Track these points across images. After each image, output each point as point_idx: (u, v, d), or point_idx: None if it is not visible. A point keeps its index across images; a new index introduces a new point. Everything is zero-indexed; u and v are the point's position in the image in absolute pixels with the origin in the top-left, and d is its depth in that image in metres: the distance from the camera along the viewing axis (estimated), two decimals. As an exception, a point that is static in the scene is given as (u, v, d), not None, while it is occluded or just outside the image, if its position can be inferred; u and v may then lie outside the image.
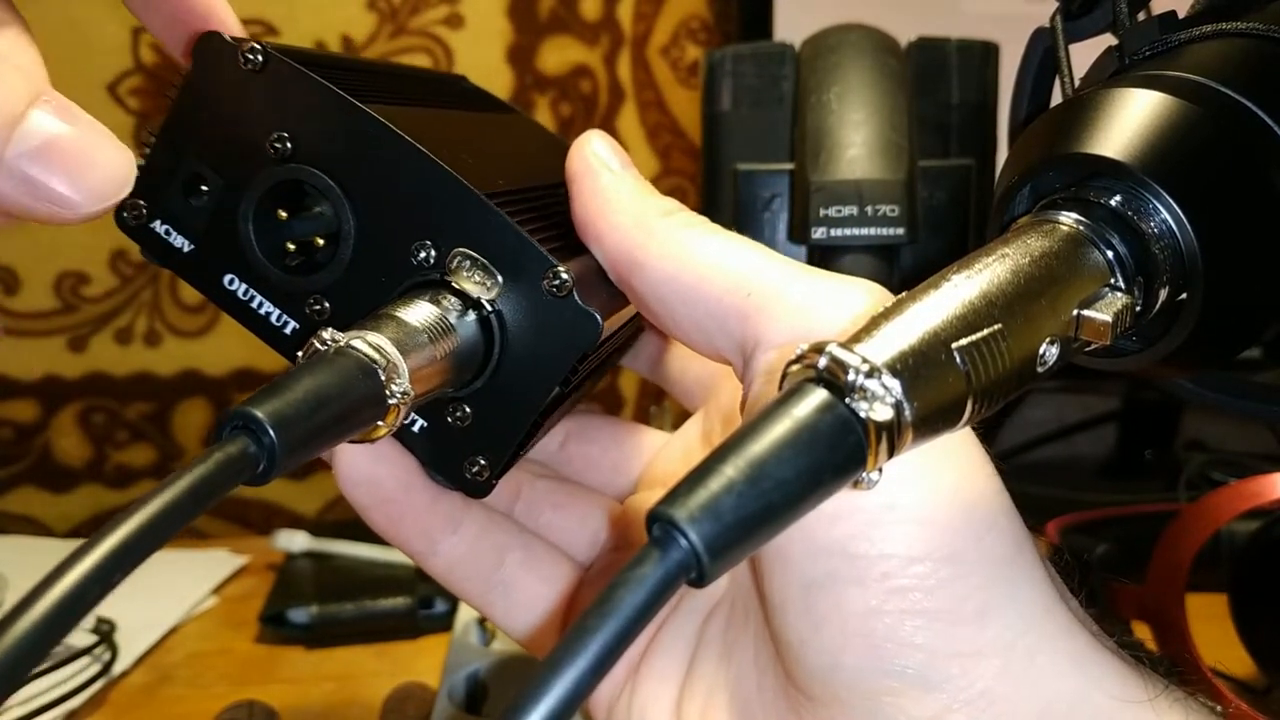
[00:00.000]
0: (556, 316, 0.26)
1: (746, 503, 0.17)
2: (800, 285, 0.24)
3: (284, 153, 0.26)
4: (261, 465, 0.20)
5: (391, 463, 0.29)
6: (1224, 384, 0.27)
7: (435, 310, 0.25)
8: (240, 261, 0.27)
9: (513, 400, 0.27)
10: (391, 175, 0.26)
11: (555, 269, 0.25)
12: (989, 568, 0.22)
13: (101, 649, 0.54)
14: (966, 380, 0.18)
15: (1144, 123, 0.21)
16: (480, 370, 0.27)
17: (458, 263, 0.26)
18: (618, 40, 0.90)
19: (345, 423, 0.22)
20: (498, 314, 0.26)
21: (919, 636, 0.22)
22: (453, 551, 0.30)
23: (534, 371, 0.27)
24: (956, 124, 0.52)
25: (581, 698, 0.16)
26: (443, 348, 0.25)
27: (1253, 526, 0.51)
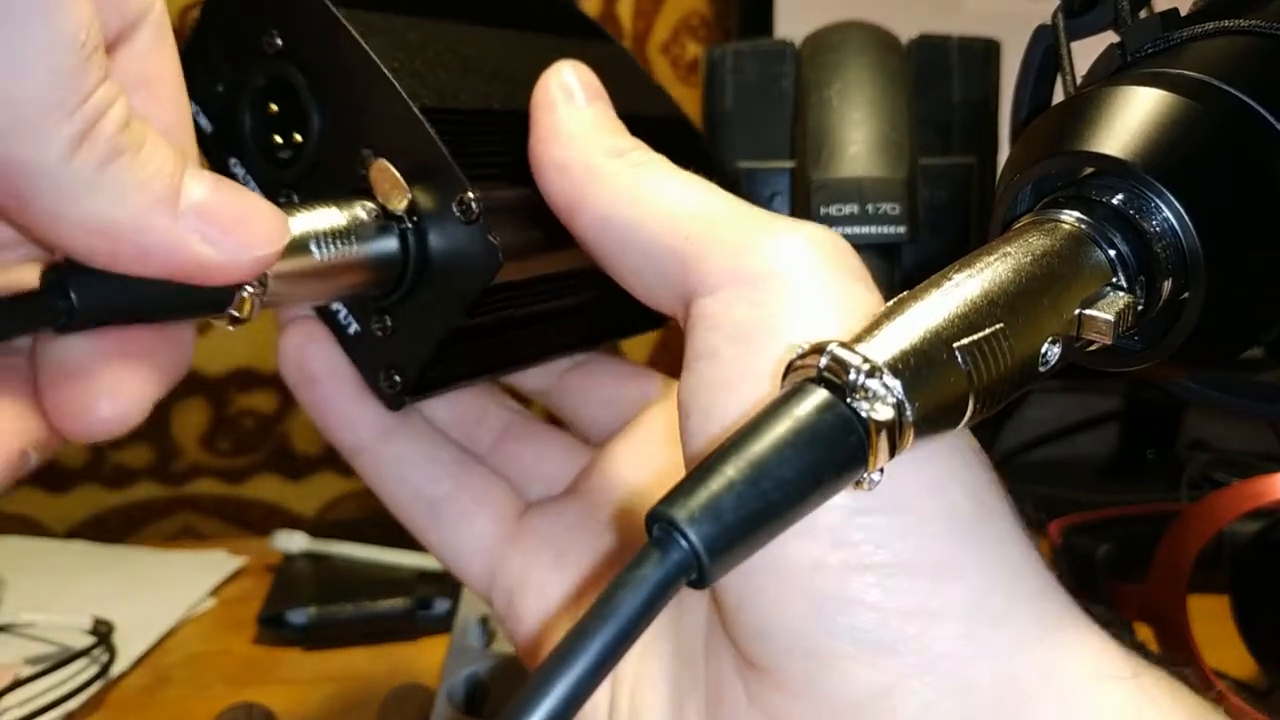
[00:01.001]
0: (464, 242, 0.26)
1: (747, 503, 0.17)
2: (738, 227, 0.23)
3: (275, 49, 0.27)
4: (61, 320, 0.21)
5: (322, 344, 0.29)
6: (1226, 383, 0.27)
7: (338, 215, 0.25)
8: (242, 147, 0.29)
9: (424, 320, 0.27)
10: (348, 79, 0.27)
11: (464, 192, 0.25)
12: (949, 521, 0.20)
13: (99, 650, 0.54)
14: (968, 379, 0.18)
15: (1146, 121, 0.21)
16: (399, 283, 0.27)
17: (377, 173, 0.26)
18: (618, 37, 0.90)
19: (183, 301, 0.22)
20: (419, 231, 0.26)
21: (870, 593, 0.20)
22: (381, 454, 0.31)
23: (443, 295, 0.27)
24: (958, 122, 0.52)
25: (581, 700, 0.16)
26: (333, 253, 0.25)
27: (1255, 527, 0.51)
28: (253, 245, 0.22)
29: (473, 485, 0.31)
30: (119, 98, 0.20)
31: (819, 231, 0.23)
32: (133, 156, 0.20)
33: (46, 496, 0.85)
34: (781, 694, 0.21)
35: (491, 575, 0.31)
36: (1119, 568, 0.50)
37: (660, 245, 0.24)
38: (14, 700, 0.49)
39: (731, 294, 0.22)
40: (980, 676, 0.20)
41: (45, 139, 0.19)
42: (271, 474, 0.85)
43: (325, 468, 0.85)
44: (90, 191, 0.20)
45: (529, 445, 0.33)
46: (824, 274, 0.22)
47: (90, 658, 0.54)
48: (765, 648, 0.21)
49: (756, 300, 0.22)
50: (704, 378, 0.22)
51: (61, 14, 0.19)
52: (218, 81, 0.29)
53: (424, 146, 0.26)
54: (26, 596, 0.60)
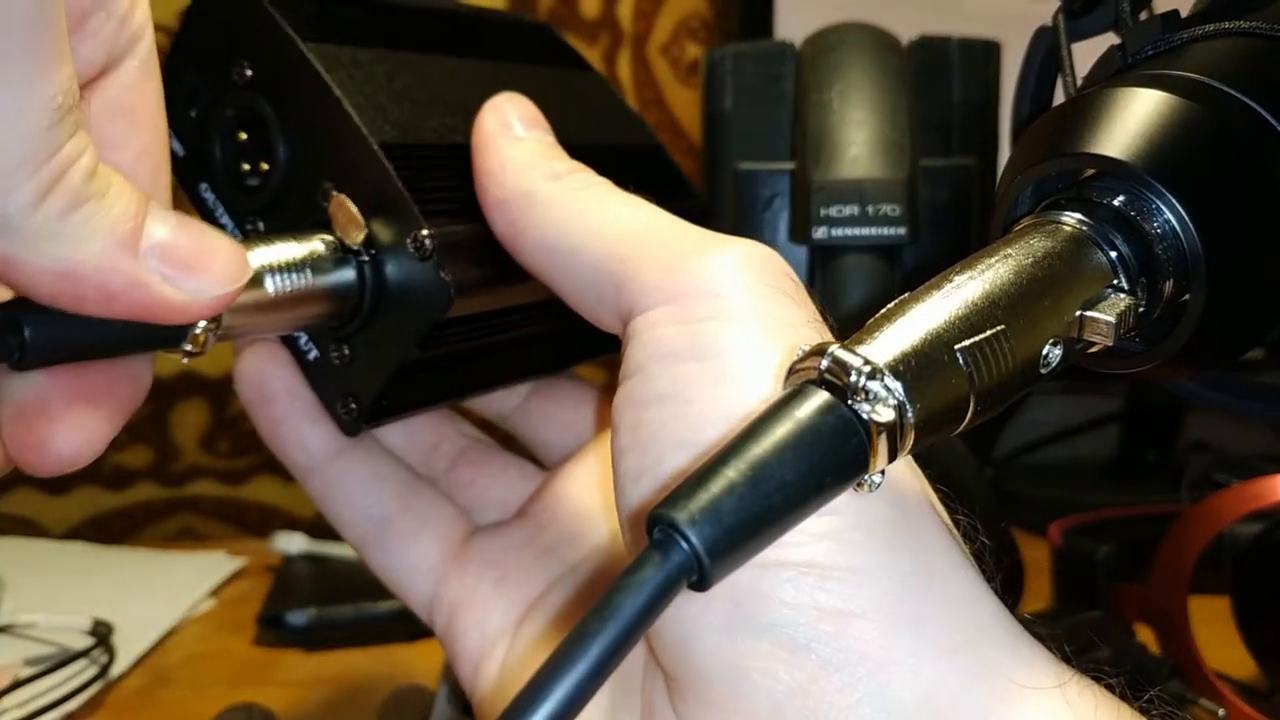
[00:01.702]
0: (419, 277, 0.26)
1: (748, 505, 0.17)
2: (669, 246, 0.23)
3: (244, 80, 0.28)
4: (15, 357, 0.21)
5: (281, 366, 0.30)
6: (1227, 385, 0.27)
7: (299, 248, 0.26)
8: (212, 174, 0.29)
9: (379, 351, 0.28)
10: (310, 112, 0.27)
11: (419, 229, 0.26)
12: (870, 527, 0.20)
13: (99, 651, 0.54)
14: (969, 381, 0.18)
15: (1147, 122, 0.21)
16: (355, 314, 0.27)
17: (336, 208, 0.27)
18: (617, 39, 0.90)
19: (136, 337, 0.22)
20: (375, 264, 0.27)
21: (785, 590, 0.20)
22: (331, 475, 0.31)
23: (397, 327, 0.27)
24: (958, 123, 0.52)
25: (581, 702, 0.16)
26: (287, 285, 0.25)
27: (1256, 528, 0.51)
28: (214, 284, 0.22)
29: (419, 507, 0.32)
30: (87, 148, 0.20)
31: (751, 248, 0.23)
32: (98, 202, 0.20)
33: (46, 497, 0.85)
34: (708, 709, 0.21)
35: (433, 597, 0.31)
36: (1120, 569, 0.50)
37: (598, 268, 0.24)
38: (13, 701, 0.49)
39: (660, 313, 0.22)
40: (900, 681, 0.20)
41: (11, 192, 0.19)
42: (271, 475, 0.85)
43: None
44: (54, 239, 0.20)
45: (484, 470, 0.34)
46: (752, 291, 0.22)
47: (90, 659, 0.53)
48: (687, 660, 0.21)
49: (683, 318, 0.22)
50: (633, 395, 0.22)
51: (43, 81, 0.19)
52: (190, 107, 0.29)
53: (382, 182, 0.26)
54: (26, 597, 0.60)
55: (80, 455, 0.23)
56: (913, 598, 0.20)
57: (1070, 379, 0.23)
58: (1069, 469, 0.79)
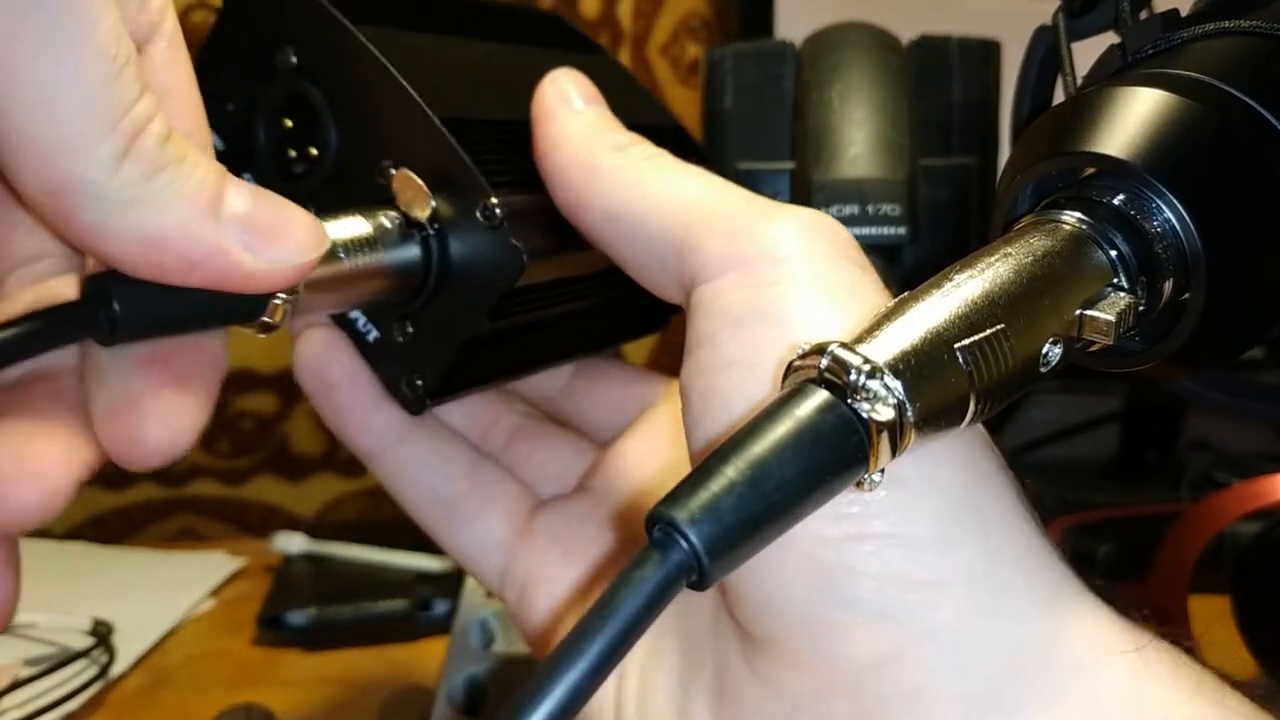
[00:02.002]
0: (488, 247, 0.26)
1: (748, 504, 0.17)
2: (734, 214, 0.23)
3: (288, 65, 0.28)
4: (104, 330, 0.21)
5: (341, 352, 0.30)
6: (1227, 384, 0.27)
7: (364, 224, 0.26)
8: (255, 163, 0.29)
9: (447, 325, 0.28)
10: (365, 93, 0.27)
11: (488, 198, 0.26)
12: (947, 495, 0.20)
13: (99, 651, 0.54)
14: (969, 380, 0.18)
15: (1147, 121, 0.21)
16: (420, 289, 0.27)
17: (400, 183, 0.27)
18: (617, 38, 0.90)
19: (214, 309, 0.22)
20: (440, 236, 0.27)
21: (869, 563, 0.20)
22: (398, 458, 0.31)
23: (466, 299, 0.27)
24: (958, 122, 0.52)
25: (581, 700, 0.16)
26: (360, 261, 0.25)
27: (1256, 528, 0.51)
28: (293, 253, 0.23)
29: (486, 485, 0.32)
30: (158, 113, 0.20)
31: (814, 216, 0.23)
32: (176, 168, 0.20)
33: (46, 497, 0.85)
34: (787, 668, 0.22)
35: (504, 572, 0.32)
36: (1120, 568, 0.50)
37: (662, 235, 0.24)
38: (13, 701, 0.49)
39: (726, 280, 0.23)
40: (981, 647, 0.20)
41: (88, 154, 0.19)
42: (271, 475, 0.85)
43: (325, 469, 0.85)
44: (135, 205, 0.20)
45: (541, 446, 0.34)
46: (818, 257, 0.22)
47: (90, 659, 0.53)
48: (769, 622, 0.21)
49: (751, 285, 0.22)
50: (702, 363, 0.23)
51: (92, 26, 0.19)
52: (228, 99, 0.29)
53: (446, 156, 0.26)
54: (26, 597, 0.60)
55: (175, 445, 0.23)
56: (991, 563, 0.20)
57: (1070, 378, 0.23)
58: (1069, 468, 0.79)
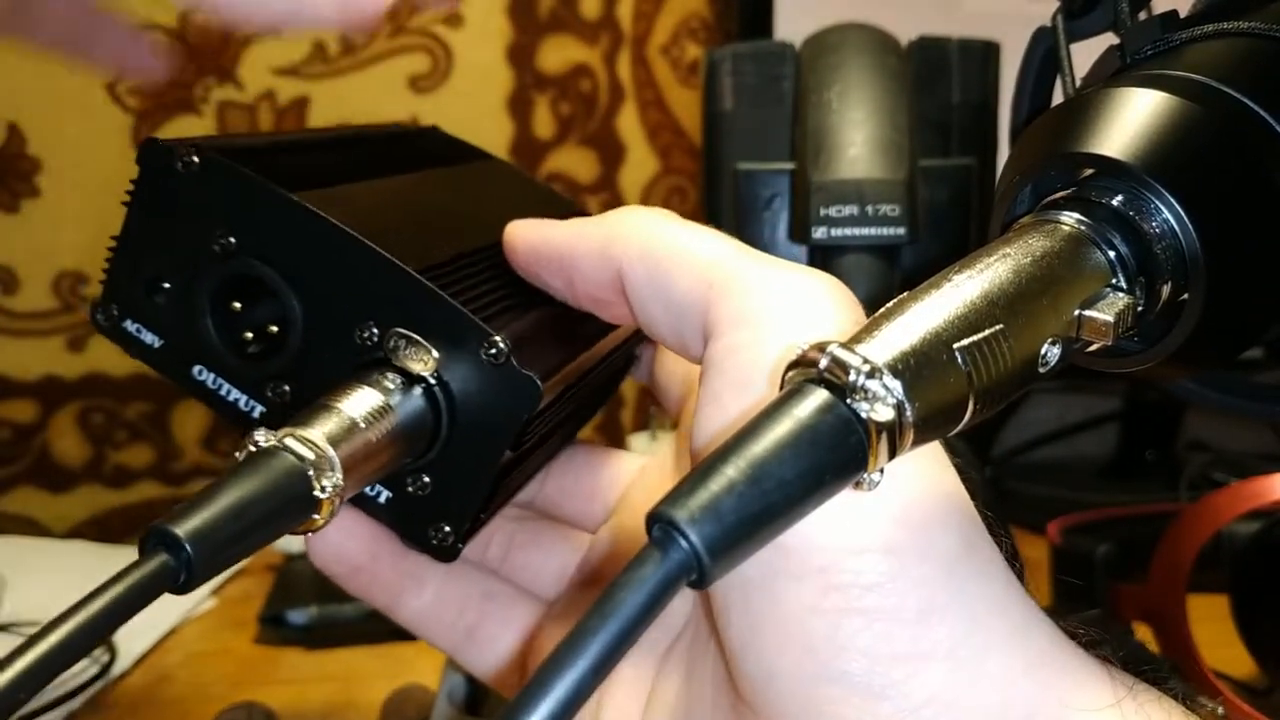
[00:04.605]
0: (498, 382, 0.26)
1: (747, 503, 0.17)
2: (753, 274, 0.23)
3: (229, 248, 0.27)
4: (182, 577, 0.21)
5: (357, 536, 0.29)
6: (1226, 384, 0.27)
7: (374, 393, 0.25)
8: (205, 353, 0.28)
9: (468, 467, 0.27)
10: (327, 261, 0.27)
11: (490, 338, 0.26)
12: (931, 563, 0.21)
13: (100, 650, 0.54)
14: (968, 380, 0.18)
15: (1145, 122, 0.21)
16: (433, 441, 0.27)
17: (394, 341, 0.26)
18: (618, 39, 0.90)
19: (271, 524, 0.22)
20: (443, 385, 0.27)
21: (860, 638, 0.20)
22: (418, 605, 0.31)
23: (484, 437, 0.27)
24: (957, 123, 0.52)
25: (581, 700, 0.16)
26: (381, 430, 0.25)
27: (1254, 527, 0.51)
28: None
29: (500, 610, 0.32)
30: None
31: (822, 278, 0.23)
32: None
33: (47, 496, 0.85)
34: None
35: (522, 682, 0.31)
36: (1119, 568, 0.50)
37: (689, 294, 0.24)
38: (15, 700, 0.49)
39: (735, 337, 0.23)
40: (968, 715, 0.21)
41: None
42: (272, 474, 0.85)
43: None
44: None
45: (537, 548, 0.34)
46: (825, 319, 0.22)
47: (91, 658, 0.54)
48: (766, 694, 0.22)
49: (755, 342, 0.22)
50: (711, 421, 0.23)
51: None
52: (155, 296, 0.28)
53: (434, 306, 0.26)
54: (27, 596, 0.60)
55: None
56: (977, 632, 0.21)
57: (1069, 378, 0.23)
58: (1068, 468, 0.79)
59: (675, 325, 0.25)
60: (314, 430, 0.23)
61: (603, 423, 0.95)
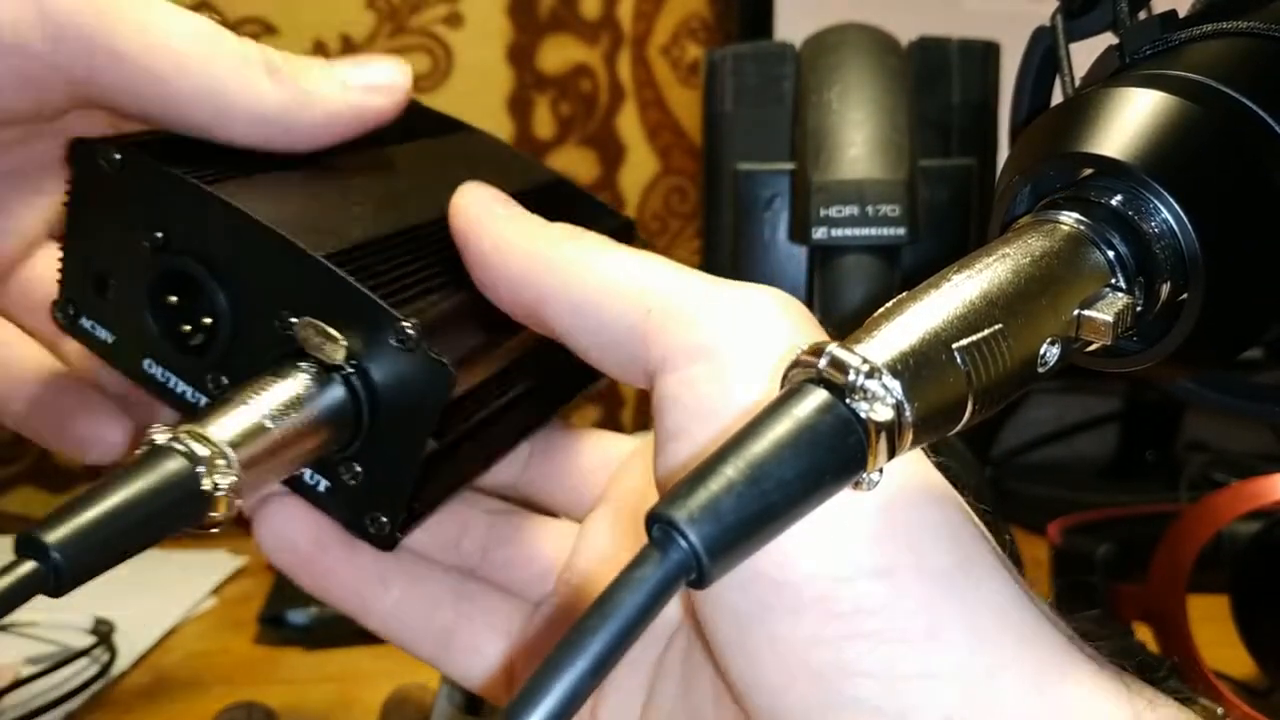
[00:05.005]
0: (410, 369, 0.26)
1: (747, 503, 0.17)
2: (690, 298, 0.23)
3: (157, 243, 0.27)
4: (52, 581, 0.21)
5: (302, 521, 0.29)
6: (1225, 384, 0.27)
7: (285, 384, 0.25)
8: (151, 347, 0.28)
9: (394, 455, 0.27)
10: (242, 251, 0.26)
11: (398, 323, 0.25)
12: (932, 580, 0.20)
13: (100, 650, 0.54)
14: (967, 380, 0.18)
15: (1145, 122, 0.21)
16: (357, 430, 0.26)
17: (305, 331, 0.26)
18: (618, 39, 0.90)
19: (157, 524, 0.22)
20: (362, 373, 0.26)
21: (868, 661, 0.20)
22: (385, 608, 0.30)
23: (405, 426, 0.26)
24: (958, 124, 0.52)
25: (580, 700, 0.16)
26: (292, 422, 0.25)
27: (1254, 527, 0.51)
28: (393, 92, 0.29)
29: (474, 611, 0.31)
30: None
31: (770, 295, 0.23)
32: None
33: (47, 496, 0.85)
34: None
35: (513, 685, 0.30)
36: (1119, 568, 0.50)
37: (624, 322, 0.23)
38: (14, 700, 0.49)
39: (694, 371, 0.22)
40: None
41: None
42: (272, 474, 0.85)
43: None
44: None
45: (519, 547, 0.32)
46: (780, 339, 0.22)
47: (91, 657, 0.54)
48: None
49: (715, 375, 0.22)
50: (678, 458, 0.22)
51: None
52: (104, 292, 0.28)
53: (342, 291, 0.25)
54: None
55: None
56: (983, 649, 0.20)
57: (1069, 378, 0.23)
58: (1068, 468, 0.79)
59: (609, 355, 0.24)
60: (213, 426, 0.23)
61: (602, 421, 0.95)
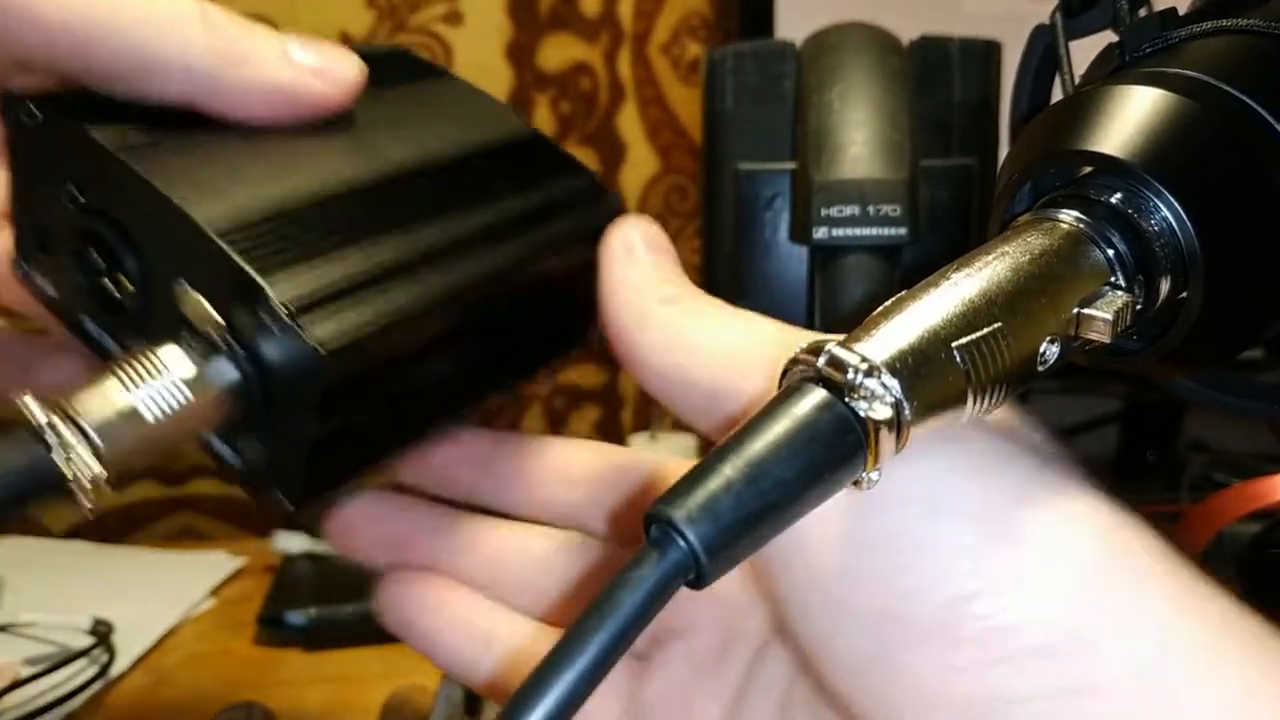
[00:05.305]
0: (291, 350, 0.24)
1: (745, 502, 0.17)
2: (761, 361, 0.23)
3: (77, 201, 0.26)
4: None
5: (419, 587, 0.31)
6: (1226, 383, 0.27)
7: (169, 358, 0.24)
8: (85, 304, 0.28)
9: (289, 435, 0.26)
10: (145, 215, 0.26)
11: (266, 299, 0.24)
12: (1068, 584, 0.18)
13: (99, 651, 0.54)
14: (966, 379, 0.18)
15: (1144, 120, 0.21)
16: (249, 404, 0.26)
17: (187, 303, 0.25)
18: (618, 37, 0.90)
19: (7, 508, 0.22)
20: (248, 349, 0.25)
21: (1016, 684, 0.18)
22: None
23: (291, 405, 0.25)
24: (958, 123, 0.52)
25: (580, 699, 0.16)
26: (168, 401, 0.24)
27: (1256, 528, 0.51)
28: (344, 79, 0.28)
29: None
30: None
31: None
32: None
33: (47, 497, 0.85)
34: None
35: None
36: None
37: (717, 386, 0.24)
38: (13, 700, 0.49)
39: None
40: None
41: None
42: (272, 474, 0.85)
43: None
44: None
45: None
46: None
47: (90, 658, 0.54)
48: None
49: None
50: None
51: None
52: (46, 248, 0.28)
53: (223, 265, 0.24)
54: (26, 596, 0.60)
55: None
56: (1147, 650, 0.18)
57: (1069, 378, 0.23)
58: (1068, 468, 0.78)
59: (710, 415, 0.24)
60: (86, 399, 0.23)
61: (601, 421, 0.95)
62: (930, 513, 0.19)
